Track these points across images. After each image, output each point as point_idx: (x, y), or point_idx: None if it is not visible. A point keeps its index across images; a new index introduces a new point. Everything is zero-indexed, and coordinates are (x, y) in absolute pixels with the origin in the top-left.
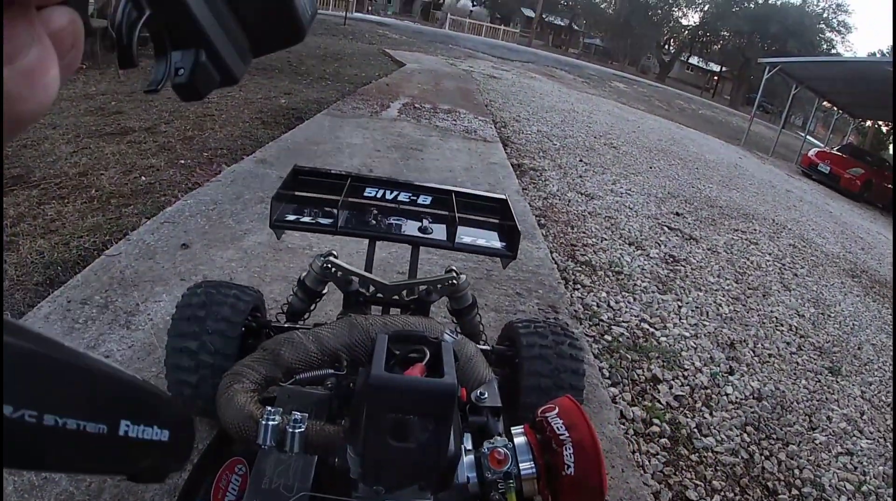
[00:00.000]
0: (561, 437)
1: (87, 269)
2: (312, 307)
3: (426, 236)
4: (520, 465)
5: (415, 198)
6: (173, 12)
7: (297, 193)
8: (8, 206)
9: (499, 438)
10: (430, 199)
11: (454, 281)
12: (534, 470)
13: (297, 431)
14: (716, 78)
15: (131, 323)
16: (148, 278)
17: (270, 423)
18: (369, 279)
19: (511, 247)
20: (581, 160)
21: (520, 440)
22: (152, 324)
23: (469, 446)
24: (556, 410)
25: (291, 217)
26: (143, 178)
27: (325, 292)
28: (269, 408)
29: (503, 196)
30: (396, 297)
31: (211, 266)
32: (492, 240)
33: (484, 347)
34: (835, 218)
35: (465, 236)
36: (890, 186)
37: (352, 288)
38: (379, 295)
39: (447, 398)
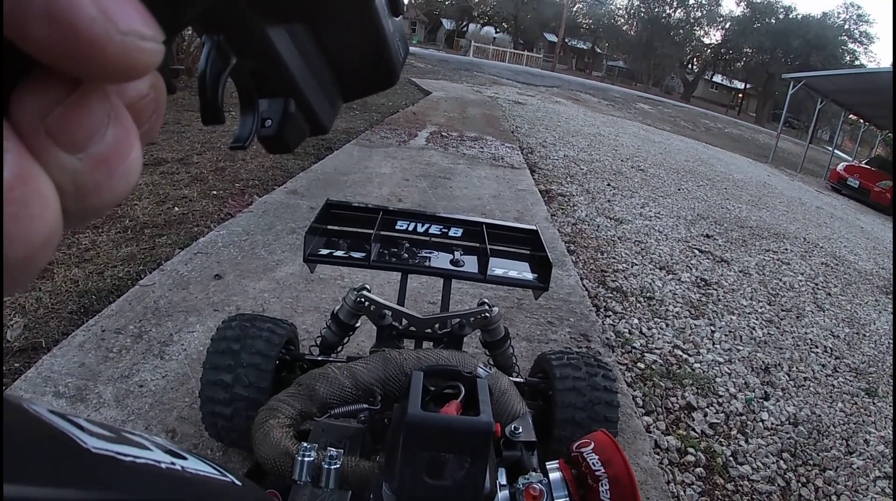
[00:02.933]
0: (597, 473)
1: (122, 298)
2: (345, 340)
3: (458, 268)
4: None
5: (446, 230)
6: (264, 60)
7: (329, 226)
8: None
9: (534, 473)
10: (461, 231)
11: (487, 314)
12: None
13: (332, 467)
14: (740, 95)
15: (165, 353)
16: (181, 308)
17: (306, 459)
18: (402, 313)
19: (543, 278)
20: (609, 184)
21: (555, 475)
22: (186, 354)
23: (503, 481)
24: (592, 445)
25: (325, 251)
26: (177, 208)
27: (358, 325)
28: (305, 444)
29: (534, 227)
30: (429, 330)
31: (244, 297)
32: (523, 271)
33: (517, 379)
34: (866, 233)
35: (497, 267)
36: None
37: (385, 322)
38: (412, 329)
39: (483, 437)
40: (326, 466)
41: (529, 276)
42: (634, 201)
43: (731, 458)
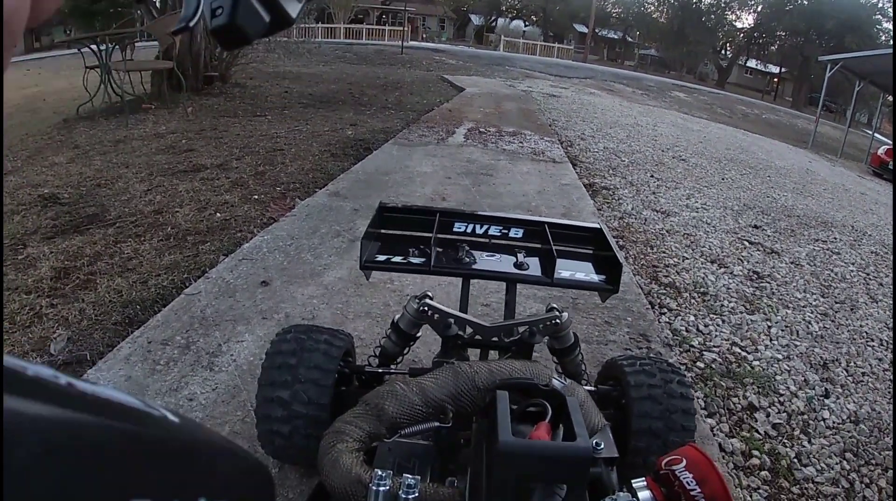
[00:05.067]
0: (692, 493)
1: (167, 308)
2: (406, 351)
3: (522, 272)
4: None
5: (506, 231)
6: None
7: (384, 231)
8: (84, 245)
9: (621, 494)
10: (521, 231)
11: (557, 320)
12: None
13: (410, 497)
14: (776, 80)
15: (214, 365)
16: (229, 317)
17: (381, 489)
18: (467, 321)
19: (612, 280)
20: (652, 176)
21: (644, 495)
22: (236, 365)
23: None
24: (684, 462)
25: (381, 257)
26: (219, 214)
27: (419, 335)
28: (379, 472)
29: (598, 225)
30: (496, 339)
31: (293, 304)
32: (590, 273)
33: (589, 388)
34: None
35: (563, 270)
36: None
37: (451, 332)
38: (477, 337)
39: (583, 464)
40: (404, 495)
41: (597, 278)
42: (679, 192)
43: (795, 460)
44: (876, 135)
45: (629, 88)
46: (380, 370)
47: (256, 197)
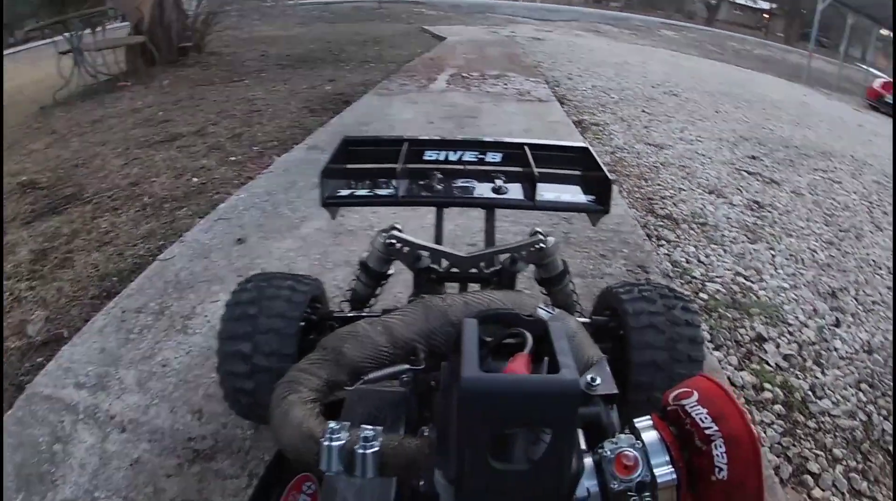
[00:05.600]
0: (707, 431)
1: (141, 276)
2: (378, 292)
3: (501, 196)
4: (654, 470)
5: (482, 156)
6: None
7: (349, 165)
8: (62, 225)
9: (623, 436)
10: (500, 155)
11: (541, 245)
12: (674, 476)
13: (368, 452)
14: (766, 16)
15: (188, 327)
16: (203, 278)
17: (334, 444)
18: (441, 252)
19: (601, 200)
20: (643, 111)
21: (650, 436)
22: (210, 326)
23: (583, 446)
24: (696, 396)
25: (345, 192)
26: (195, 179)
27: (391, 272)
28: (332, 424)
29: (584, 144)
30: (474, 270)
31: (268, 258)
32: (577, 195)
33: (583, 320)
34: None
35: (546, 192)
36: None
37: (421, 264)
38: (454, 270)
39: (569, 401)
40: (361, 451)
41: (584, 198)
42: (672, 125)
43: (809, 392)
44: (870, 69)
45: (616, 29)
46: (350, 315)
47: (233, 159)
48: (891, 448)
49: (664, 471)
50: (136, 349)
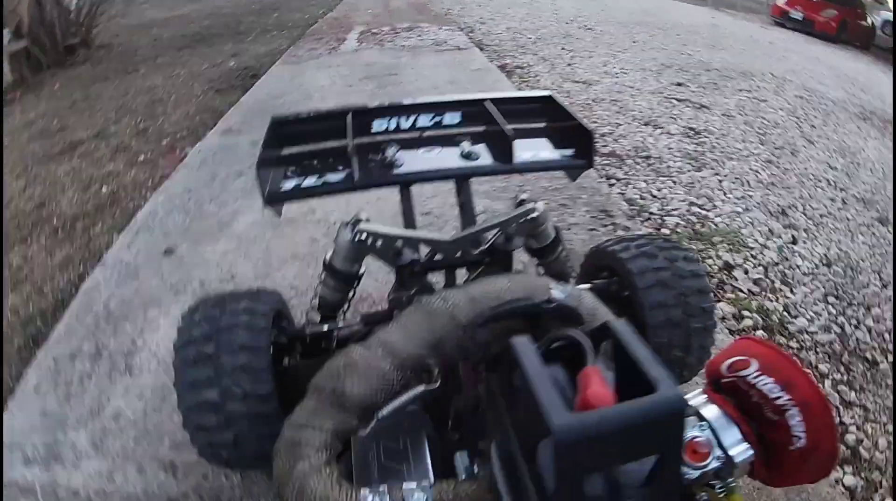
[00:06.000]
0: (779, 402)
1: (67, 314)
2: (351, 295)
3: (474, 163)
4: (728, 451)
5: (439, 118)
6: None
7: (286, 151)
8: None
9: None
10: (458, 115)
11: (534, 214)
12: (751, 453)
13: None
14: None
15: (133, 367)
16: (136, 303)
17: None
18: (420, 240)
19: (583, 152)
20: (563, 49)
21: (712, 413)
22: (157, 360)
23: None
24: (755, 364)
25: (289, 185)
26: (105, 188)
27: (362, 271)
28: (366, 493)
29: (547, 93)
30: (459, 254)
31: (205, 267)
32: (553, 150)
33: (582, 287)
34: (823, 63)
35: (521, 152)
36: (864, 23)
37: (403, 260)
38: (437, 258)
39: (678, 420)
40: None
41: (564, 153)
42: (594, 60)
43: (784, 313)
44: None
45: None
46: (325, 328)
47: (142, 158)
48: (867, 355)
49: (740, 449)
50: (80, 405)
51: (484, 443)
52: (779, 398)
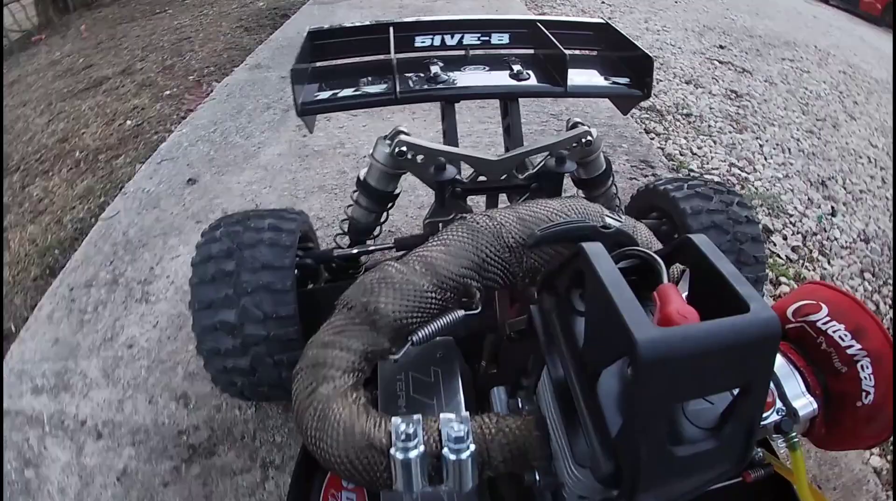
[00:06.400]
0: (850, 351)
1: (85, 242)
2: (383, 219)
3: (523, 83)
4: (791, 402)
5: (486, 38)
6: None
7: (323, 63)
8: None
9: None
10: (507, 36)
11: (589, 138)
12: (815, 407)
13: (464, 456)
14: None
15: (149, 294)
16: (157, 231)
17: (412, 454)
18: (463, 157)
19: (639, 82)
20: (603, 2)
21: (776, 362)
22: (175, 288)
23: None
24: (825, 309)
25: (325, 95)
26: (129, 122)
27: (398, 191)
28: (398, 421)
29: (601, 20)
30: (505, 177)
31: (228, 196)
32: (608, 77)
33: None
34: (867, 43)
35: (575, 76)
36: None
37: (446, 175)
38: (481, 179)
39: (771, 345)
40: (453, 456)
41: (621, 82)
42: (635, 16)
43: (824, 281)
44: None
45: None
46: (354, 251)
47: (168, 93)
48: None
49: (803, 403)
50: (93, 333)
51: (528, 379)
52: (850, 347)
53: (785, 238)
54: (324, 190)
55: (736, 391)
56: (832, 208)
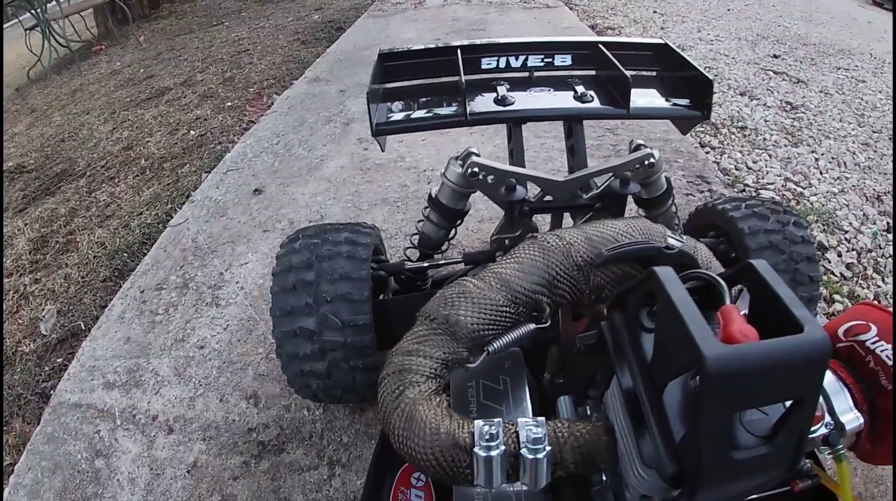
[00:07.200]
0: None
1: (154, 247)
2: (452, 235)
3: (587, 105)
4: (840, 417)
5: (549, 59)
6: None
7: (394, 84)
8: (58, 205)
9: None
10: (569, 58)
11: (652, 160)
12: (861, 422)
13: (540, 456)
14: None
15: (219, 299)
16: (225, 238)
17: (493, 453)
18: (531, 178)
19: (699, 103)
20: (654, 12)
21: (825, 377)
22: (245, 293)
23: None
24: (874, 329)
25: (397, 116)
26: (192, 132)
27: (468, 209)
28: (481, 424)
29: (661, 41)
30: (570, 197)
31: (294, 207)
32: (669, 98)
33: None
34: None
35: (636, 97)
36: None
37: (515, 195)
38: (547, 199)
39: (821, 364)
40: (530, 455)
41: (681, 103)
42: (688, 25)
43: (874, 302)
44: None
45: None
46: (425, 264)
47: (230, 104)
48: None
49: (850, 417)
50: (164, 333)
51: (595, 390)
52: None
53: (840, 255)
54: (386, 203)
55: (789, 404)
56: (887, 223)
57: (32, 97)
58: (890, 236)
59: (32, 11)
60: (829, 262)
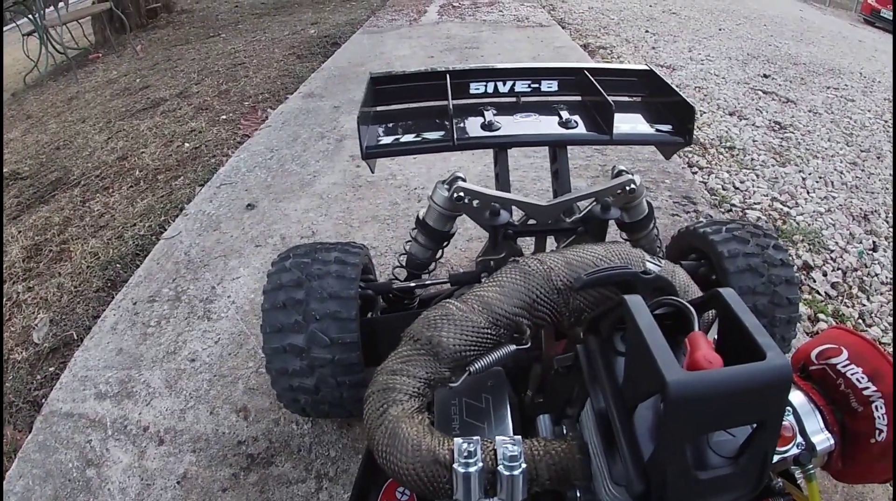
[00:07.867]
0: (866, 392)
1: (148, 259)
2: (439, 255)
3: (572, 131)
4: (811, 437)
5: (536, 85)
6: None
7: (383, 107)
8: (51, 214)
9: None
10: (555, 83)
11: (632, 186)
12: (832, 443)
13: (516, 473)
14: None
15: (211, 312)
16: (217, 253)
17: (472, 469)
18: (516, 202)
19: (681, 129)
20: (647, 31)
21: (797, 399)
22: (236, 307)
23: None
24: (845, 353)
25: (387, 140)
26: (187, 144)
27: (454, 231)
28: (460, 441)
29: (646, 67)
30: (551, 221)
31: (286, 223)
32: (652, 125)
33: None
34: None
35: (620, 123)
36: None
37: (500, 220)
38: (531, 223)
39: (783, 389)
40: (507, 472)
41: (663, 128)
42: (679, 45)
43: (859, 321)
44: None
45: None
46: (412, 285)
47: (225, 117)
48: None
49: (821, 438)
50: (156, 345)
51: (572, 409)
52: (866, 388)
53: (825, 274)
54: (377, 220)
55: (755, 426)
56: (873, 243)
57: (28, 103)
58: (875, 255)
59: (30, 17)
60: (815, 281)
